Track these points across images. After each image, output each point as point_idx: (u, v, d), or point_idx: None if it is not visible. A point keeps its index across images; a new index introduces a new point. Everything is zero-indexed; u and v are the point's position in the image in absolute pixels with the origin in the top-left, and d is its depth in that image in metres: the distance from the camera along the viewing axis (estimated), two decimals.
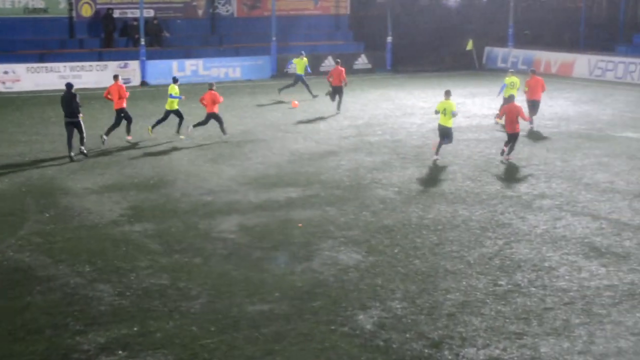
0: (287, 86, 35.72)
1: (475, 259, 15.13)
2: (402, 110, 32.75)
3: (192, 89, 33.27)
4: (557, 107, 33.68)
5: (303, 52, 36.97)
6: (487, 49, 51.11)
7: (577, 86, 40.81)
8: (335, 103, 32.54)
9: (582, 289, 13.63)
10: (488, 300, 13.15)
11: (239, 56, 44.09)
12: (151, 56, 40.63)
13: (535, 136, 27.23)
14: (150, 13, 43.34)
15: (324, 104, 33.75)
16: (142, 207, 18.62)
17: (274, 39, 43.59)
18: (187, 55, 42.87)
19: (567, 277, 14.18)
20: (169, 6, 44.91)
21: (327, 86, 33.69)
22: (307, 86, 35.48)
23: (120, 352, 11.40)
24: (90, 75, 38.25)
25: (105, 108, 29.19)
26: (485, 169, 22.36)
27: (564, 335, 11.86)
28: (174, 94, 26.27)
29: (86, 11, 42.56)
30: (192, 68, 41.69)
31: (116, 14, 42.75)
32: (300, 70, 35.57)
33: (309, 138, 26.87)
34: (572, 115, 31.70)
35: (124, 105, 25.28)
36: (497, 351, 11.37)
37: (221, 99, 26.36)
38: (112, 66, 38.77)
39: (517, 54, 48.71)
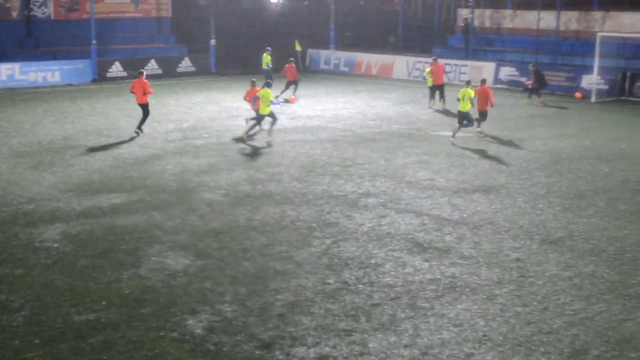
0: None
1: (303, 258, 15.29)
2: (227, 113, 32.71)
3: (8, 94, 32.04)
4: (379, 108, 34.54)
5: (269, 48, 39.81)
6: (310, 51, 51.86)
7: (397, 87, 42.02)
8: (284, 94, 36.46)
9: (407, 284, 14.02)
10: (317, 299, 13.32)
11: (57, 60, 42.76)
12: None
13: (358, 136, 27.83)
14: None
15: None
16: None
17: (94, 42, 42.51)
18: (2, 59, 41.17)
19: (392, 273, 14.54)
20: None
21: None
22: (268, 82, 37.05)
23: None
24: None
25: None
26: (311, 169, 22.65)
27: (390, 330, 12.16)
28: (273, 100, 28.24)
29: None
30: (7, 72, 40.08)
31: None
32: (265, 65, 38.54)
33: (132, 143, 26.38)
34: (393, 115, 32.61)
35: (147, 100, 27.51)
36: (327, 349, 11.53)
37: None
38: None
39: (339, 56, 49.73)
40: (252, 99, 28.31)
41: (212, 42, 47.72)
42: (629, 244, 16.17)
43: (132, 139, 26.95)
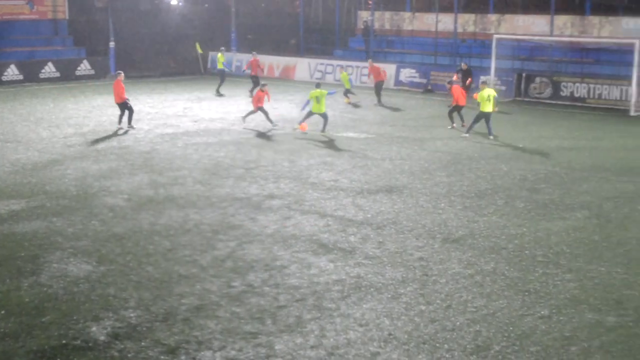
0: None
1: (208, 262, 15.19)
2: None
3: None
4: (282, 110, 34.58)
5: (223, 47, 42.59)
6: (211, 53, 51.56)
7: (299, 88, 42.13)
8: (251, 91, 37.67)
9: (312, 285, 14.06)
10: (223, 303, 13.25)
11: None
12: None
13: (262, 138, 27.81)
14: None
15: (45, 112, 32.61)
16: None
17: None
18: None
19: (298, 275, 14.57)
20: None
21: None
22: (221, 82, 40.38)
23: None
24: None
25: None
26: (214, 172, 22.53)
27: (297, 331, 12.18)
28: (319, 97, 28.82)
29: None
30: None
31: None
32: (220, 65, 40.72)
33: (30, 147, 25.78)
34: (296, 117, 32.63)
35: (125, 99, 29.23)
36: (233, 352, 11.48)
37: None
38: None
39: (241, 58, 49.52)
40: (256, 101, 30.05)
41: (112, 44, 47.00)
42: (527, 241, 16.58)
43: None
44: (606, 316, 12.78)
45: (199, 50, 48.78)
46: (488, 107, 27.77)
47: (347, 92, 37.30)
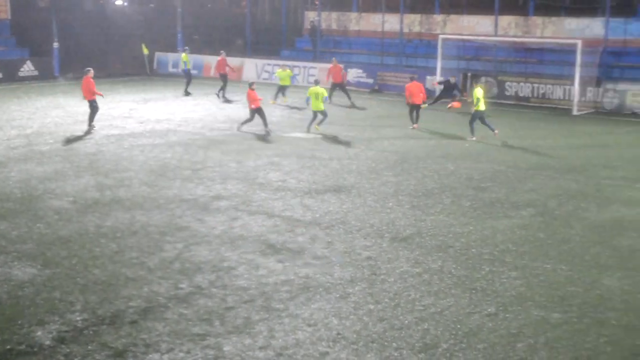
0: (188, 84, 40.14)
1: (155, 264, 15.08)
2: (73, 118, 31.91)
3: None
4: (229, 110, 34.49)
5: (187, 47, 43.05)
6: (157, 54, 51.25)
7: (246, 89, 41.95)
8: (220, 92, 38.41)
9: (260, 286, 14.03)
10: (170, 305, 13.16)
11: None
12: None
13: (209, 139, 27.70)
14: None
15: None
16: None
17: None
18: None
19: (246, 276, 14.53)
20: None
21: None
22: (187, 83, 40.52)
23: None
24: None
25: None
26: (161, 173, 22.37)
27: (245, 332, 12.15)
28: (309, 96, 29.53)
29: None
30: None
31: None
32: (184, 65, 40.83)
33: None
34: (244, 117, 32.57)
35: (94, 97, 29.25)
36: (181, 354, 11.41)
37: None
38: None
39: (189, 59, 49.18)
40: (251, 101, 29.57)
41: (55, 45, 46.42)
42: (474, 240, 16.74)
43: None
44: (551, 313, 12.95)
45: (145, 51, 48.41)
46: (482, 106, 28.12)
47: (283, 91, 37.23)
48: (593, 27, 39.79)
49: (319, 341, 11.87)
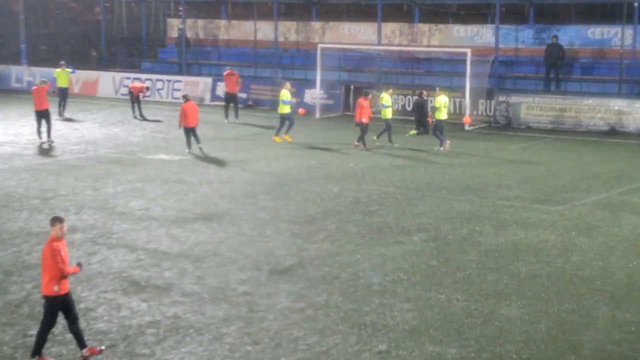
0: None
1: (0, 308, 14.62)
2: None
3: None
4: (83, 130, 33.92)
5: (64, 62, 40.15)
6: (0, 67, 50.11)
7: (103, 106, 41.48)
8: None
9: (123, 329, 13.76)
10: (17, 355, 12.78)
11: None
12: None
13: (60, 164, 27.13)
14: None
15: None
16: None
17: None
18: None
19: (106, 318, 14.23)
20: None
21: None
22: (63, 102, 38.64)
23: None
24: None
25: None
26: (5, 204, 21.80)
27: None
28: (285, 100, 31.09)
29: None
30: None
31: None
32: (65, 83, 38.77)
33: None
34: (100, 138, 32.10)
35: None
36: None
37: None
38: None
39: (34, 72, 48.17)
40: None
41: None
42: (362, 269, 16.85)
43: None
44: (447, 348, 13.12)
45: None
46: (443, 115, 29.48)
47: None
48: (483, 34, 40.89)
49: None
